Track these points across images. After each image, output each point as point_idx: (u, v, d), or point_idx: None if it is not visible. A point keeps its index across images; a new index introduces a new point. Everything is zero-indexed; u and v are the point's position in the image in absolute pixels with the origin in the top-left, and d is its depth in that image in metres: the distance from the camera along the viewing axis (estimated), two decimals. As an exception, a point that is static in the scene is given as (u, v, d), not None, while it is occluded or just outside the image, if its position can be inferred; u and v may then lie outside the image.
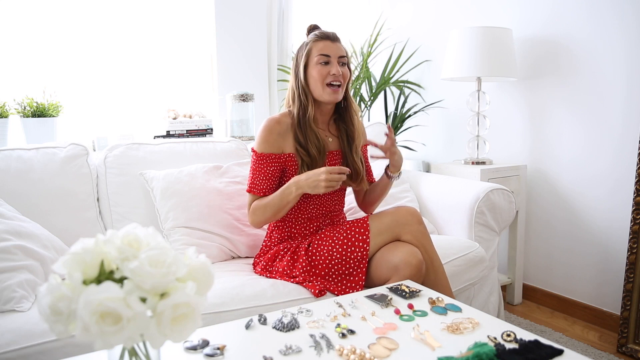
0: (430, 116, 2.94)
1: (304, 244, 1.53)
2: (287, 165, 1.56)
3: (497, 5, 2.53)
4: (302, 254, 1.50)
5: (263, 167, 1.54)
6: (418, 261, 1.40)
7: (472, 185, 2.02)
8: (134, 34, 2.54)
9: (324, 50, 1.53)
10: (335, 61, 1.53)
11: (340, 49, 1.55)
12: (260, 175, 1.54)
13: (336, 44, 1.55)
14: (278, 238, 1.63)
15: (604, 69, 2.12)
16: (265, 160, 1.54)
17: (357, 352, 0.94)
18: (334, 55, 1.53)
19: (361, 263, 1.45)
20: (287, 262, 1.52)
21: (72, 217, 1.70)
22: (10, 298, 1.29)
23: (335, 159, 1.62)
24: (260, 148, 1.55)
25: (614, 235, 2.13)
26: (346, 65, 1.56)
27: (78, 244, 0.69)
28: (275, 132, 1.54)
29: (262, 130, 1.55)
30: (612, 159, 2.12)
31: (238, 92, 2.36)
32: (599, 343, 2.05)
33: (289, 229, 1.61)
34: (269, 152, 1.54)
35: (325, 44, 1.53)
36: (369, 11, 3.26)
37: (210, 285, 0.76)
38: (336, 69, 1.52)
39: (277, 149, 1.54)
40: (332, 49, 1.53)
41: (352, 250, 1.45)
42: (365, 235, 1.46)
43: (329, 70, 1.52)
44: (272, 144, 1.54)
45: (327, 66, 1.52)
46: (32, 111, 2.06)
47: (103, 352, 0.80)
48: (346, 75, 1.55)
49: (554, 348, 0.95)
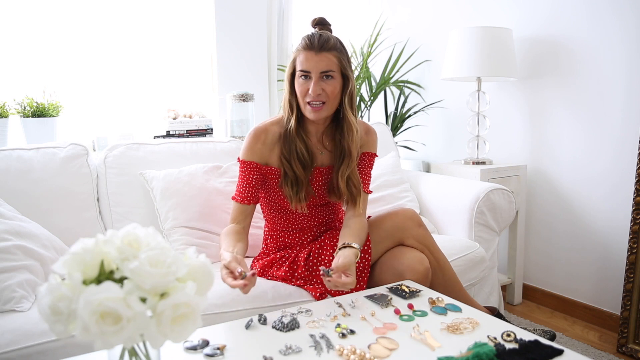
0: (430, 116, 2.94)
1: (303, 253, 1.49)
2: (268, 177, 1.47)
3: (497, 5, 2.53)
4: (302, 264, 1.46)
5: (245, 174, 1.45)
6: (425, 268, 1.38)
7: (472, 185, 2.02)
8: (134, 34, 2.54)
9: (304, 64, 1.35)
10: (316, 77, 1.35)
11: (325, 62, 1.34)
12: (243, 182, 1.45)
13: (321, 56, 1.34)
14: (274, 247, 1.58)
15: (604, 69, 2.12)
16: (247, 167, 1.44)
17: (357, 352, 0.94)
18: (315, 70, 1.34)
19: (363, 273, 1.43)
20: (286, 271, 1.49)
21: (72, 217, 1.70)
22: (10, 298, 1.29)
23: (320, 177, 1.49)
24: (243, 155, 1.46)
25: (614, 235, 2.13)
26: (333, 79, 1.36)
27: (78, 244, 0.69)
28: (261, 142, 1.44)
29: (247, 138, 1.46)
30: (612, 159, 2.12)
31: (238, 92, 2.36)
32: (599, 343, 2.05)
33: (282, 239, 1.55)
34: (251, 160, 1.44)
35: (307, 56, 1.35)
36: (369, 11, 3.26)
37: (210, 285, 0.76)
38: (315, 87, 1.34)
39: (260, 159, 1.44)
40: (313, 63, 1.34)
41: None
42: (366, 245, 1.43)
43: (308, 88, 1.36)
44: (255, 152, 1.44)
45: (307, 82, 1.36)
46: (32, 111, 2.06)
47: (103, 352, 0.80)
48: (330, 91, 1.36)
49: (554, 348, 0.95)
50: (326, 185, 1.50)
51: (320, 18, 1.44)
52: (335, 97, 1.39)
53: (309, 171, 1.45)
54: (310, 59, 1.35)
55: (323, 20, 1.44)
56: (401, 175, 2.20)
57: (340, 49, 1.39)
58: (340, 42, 1.40)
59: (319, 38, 1.36)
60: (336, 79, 1.37)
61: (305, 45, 1.36)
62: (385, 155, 2.25)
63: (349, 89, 1.40)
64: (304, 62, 1.35)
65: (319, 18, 1.44)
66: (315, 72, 1.35)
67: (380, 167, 2.16)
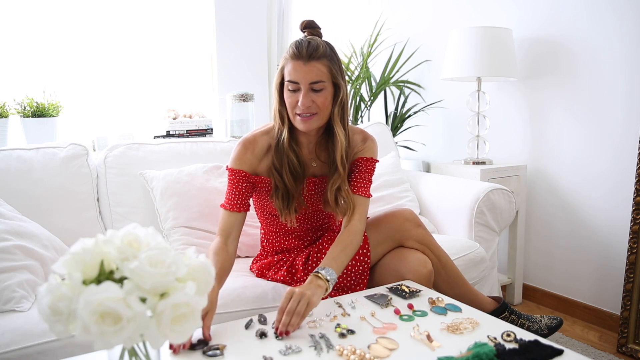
0: (430, 116, 2.94)
1: (301, 257, 1.48)
2: (257, 186, 1.42)
3: (497, 5, 2.53)
4: (300, 269, 1.46)
5: (234, 182, 1.38)
6: (428, 271, 1.37)
7: (472, 185, 2.02)
8: (134, 34, 2.54)
9: (292, 75, 1.27)
10: (306, 89, 1.27)
11: (314, 72, 1.26)
12: (232, 190, 1.38)
13: (310, 65, 1.26)
14: (271, 250, 1.57)
15: (604, 69, 2.12)
16: (236, 175, 1.38)
17: (357, 352, 0.94)
18: (304, 81, 1.26)
19: (362, 275, 1.42)
20: (284, 276, 1.48)
21: (72, 217, 1.70)
22: (10, 298, 1.29)
23: (313, 187, 1.44)
24: (232, 163, 1.39)
25: (614, 235, 2.13)
26: (323, 90, 1.29)
27: (78, 244, 0.69)
28: (249, 152, 1.38)
29: (236, 148, 1.40)
30: (612, 159, 2.12)
31: (238, 92, 2.36)
32: (599, 343, 2.05)
33: (278, 243, 1.54)
34: (240, 169, 1.38)
35: (295, 66, 1.27)
36: (369, 11, 3.26)
37: (210, 285, 0.76)
38: (304, 100, 1.27)
39: (249, 168, 1.38)
40: (301, 74, 1.26)
41: (353, 265, 1.41)
42: (365, 248, 1.42)
43: (297, 100, 1.28)
44: (245, 162, 1.38)
45: (296, 94, 1.28)
46: (32, 111, 2.06)
47: (103, 352, 0.80)
48: (321, 102, 1.29)
49: (554, 348, 0.95)
50: (320, 195, 1.45)
51: (308, 21, 1.35)
52: (326, 108, 1.31)
53: (300, 183, 1.40)
54: (299, 70, 1.26)
55: (312, 23, 1.35)
56: (401, 175, 2.20)
57: (331, 56, 1.30)
58: (330, 48, 1.31)
59: (307, 46, 1.27)
60: (327, 89, 1.30)
61: (293, 54, 1.28)
62: (385, 155, 2.25)
63: (340, 97, 1.32)
64: (292, 73, 1.27)
65: (307, 21, 1.35)
66: (305, 83, 1.27)
67: (380, 167, 2.16)
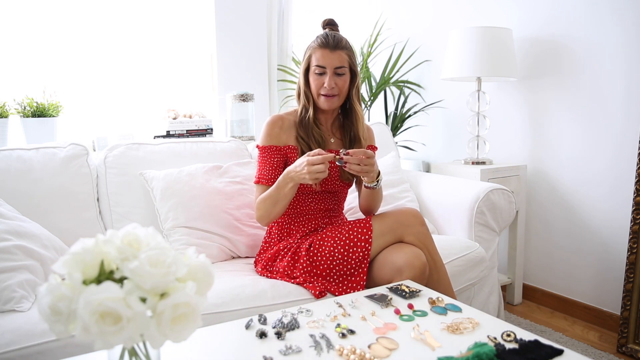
0: (430, 116, 2.94)
1: (304, 244, 1.53)
2: (288, 157, 1.60)
3: (497, 5, 2.53)
4: (303, 254, 1.50)
5: (267, 158, 1.60)
6: (422, 264, 1.40)
7: (472, 185, 2.02)
8: (133, 34, 2.54)
9: (320, 61, 1.53)
10: (331, 72, 1.53)
11: (338, 59, 1.53)
12: (266, 166, 1.59)
13: (335, 53, 1.53)
14: (277, 235, 1.63)
15: (603, 69, 2.12)
16: (268, 152, 1.60)
17: (357, 352, 0.94)
18: (330, 66, 1.53)
19: (362, 263, 1.45)
20: (288, 262, 1.52)
21: (72, 217, 1.70)
22: (10, 298, 1.29)
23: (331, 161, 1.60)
24: (263, 141, 1.61)
25: (614, 235, 2.13)
26: (344, 74, 1.55)
27: (78, 244, 0.69)
28: (277, 127, 1.61)
29: (265, 126, 1.62)
30: (612, 159, 2.12)
31: (238, 92, 2.36)
32: (599, 343, 2.05)
33: (287, 225, 1.62)
34: (271, 144, 1.60)
35: (323, 54, 1.53)
36: (369, 11, 3.26)
37: (210, 285, 0.76)
38: (330, 82, 1.53)
39: (279, 142, 1.60)
40: (328, 60, 1.53)
41: (354, 251, 1.45)
42: (367, 235, 1.46)
43: (323, 82, 1.54)
44: (274, 137, 1.60)
45: (322, 77, 1.54)
46: (32, 111, 2.06)
47: (103, 352, 0.80)
48: (342, 85, 1.55)
49: (554, 348, 0.95)
50: (336, 168, 1.61)
51: (330, 19, 1.62)
52: (345, 90, 1.58)
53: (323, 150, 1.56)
54: (326, 56, 1.52)
55: (333, 21, 1.62)
56: (401, 175, 2.20)
57: (350, 48, 1.58)
58: (349, 42, 1.58)
59: (333, 37, 1.54)
60: (346, 74, 1.56)
61: (321, 43, 1.54)
62: (385, 155, 2.25)
63: (356, 82, 1.60)
64: (320, 59, 1.53)
65: (329, 19, 1.62)
66: (330, 68, 1.53)
67: (380, 167, 2.16)
